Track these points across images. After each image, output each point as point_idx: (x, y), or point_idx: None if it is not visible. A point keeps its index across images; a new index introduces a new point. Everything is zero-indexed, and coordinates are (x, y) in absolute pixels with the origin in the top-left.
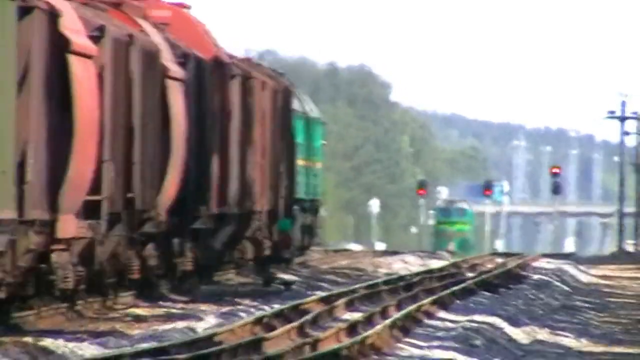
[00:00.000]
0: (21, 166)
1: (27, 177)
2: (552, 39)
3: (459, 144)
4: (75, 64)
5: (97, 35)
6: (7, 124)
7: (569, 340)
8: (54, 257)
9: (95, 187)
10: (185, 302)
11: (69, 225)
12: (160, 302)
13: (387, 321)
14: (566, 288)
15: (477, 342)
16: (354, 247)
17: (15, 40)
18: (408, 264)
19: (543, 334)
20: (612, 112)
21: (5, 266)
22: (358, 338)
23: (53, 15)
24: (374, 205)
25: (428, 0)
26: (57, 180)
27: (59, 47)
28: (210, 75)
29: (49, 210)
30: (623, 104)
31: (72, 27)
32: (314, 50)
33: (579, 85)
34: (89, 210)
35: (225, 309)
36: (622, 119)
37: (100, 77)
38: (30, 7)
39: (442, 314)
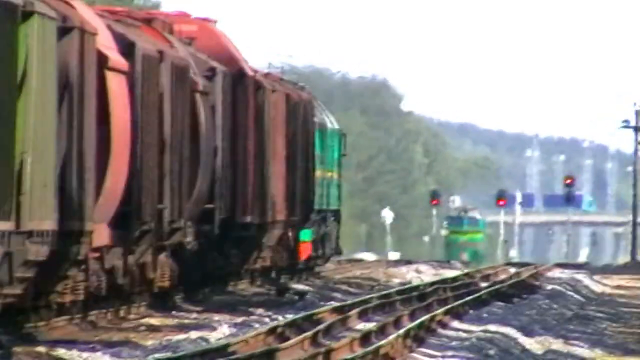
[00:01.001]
0: (61, 179)
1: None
2: (566, 49)
3: (472, 154)
4: (111, 80)
5: (128, 51)
6: (49, 139)
7: (582, 351)
8: (89, 264)
9: (127, 199)
10: (199, 312)
11: (102, 235)
12: (174, 312)
13: (401, 331)
14: (580, 298)
15: (491, 352)
16: (367, 256)
17: (56, 59)
18: (421, 274)
19: (557, 344)
20: (627, 122)
21: (47, 274)
22: (371, 348)
23: (90, 34)
24: (388, 216)
25: (441, 10)
26: (94, 192)
27: (96, 63)
28: (235, 88)
29: (86, 220)
30: (637, 114)
31: (107, 44)
32: (328, 61)
33: (592, 95)
34: (120, 220)
35: (239, 319)
36: (637, 129)
37: (132, 91)
38: (69, 27)
39: (455, 323)
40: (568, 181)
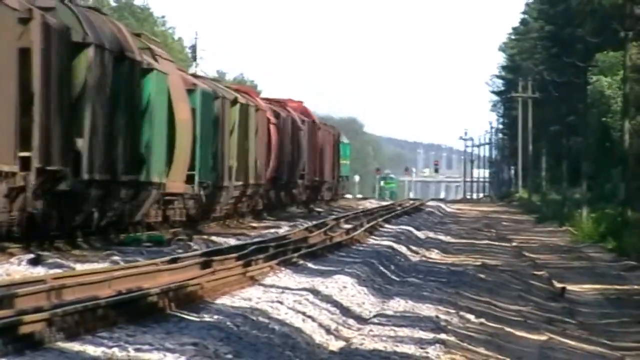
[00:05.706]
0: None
1: (249, 165)
2: (438, 94)
3: (393, 151)
4: (271, 128)
5: (276, 116)
6: (251, 151)
7: (442, 237)
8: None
9: (276, 169)
10: (273, 220)
11: (266, 186)
12: (263, 221)
13: (363, 229)
14: (440, 214)
15: (402, 238)
16: (349, 196)
17: (256, 121)
18: (372, 204)
19: (431, 234)
20: (461, 137)
21: (232, 201)
22: (350, 236)
23: (264, 110)
24: (357, 178)
25: (384, 69)
26: (265, 168)
27: (266, 121)
28: (311, 128)
29: (259, 180)
30: (466, 133)
31: (269, 113)
32: (332, 109)
33: (447, 119)
34: (273, 179)
35: (291, 224)
36: (465, 140)
37: (278, 132)
38: (257, 108)
39: (386, 225)
40: (435, 164)
